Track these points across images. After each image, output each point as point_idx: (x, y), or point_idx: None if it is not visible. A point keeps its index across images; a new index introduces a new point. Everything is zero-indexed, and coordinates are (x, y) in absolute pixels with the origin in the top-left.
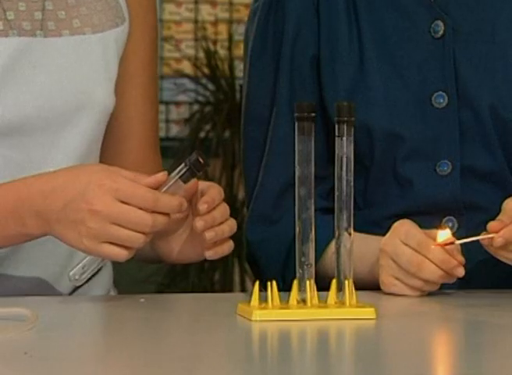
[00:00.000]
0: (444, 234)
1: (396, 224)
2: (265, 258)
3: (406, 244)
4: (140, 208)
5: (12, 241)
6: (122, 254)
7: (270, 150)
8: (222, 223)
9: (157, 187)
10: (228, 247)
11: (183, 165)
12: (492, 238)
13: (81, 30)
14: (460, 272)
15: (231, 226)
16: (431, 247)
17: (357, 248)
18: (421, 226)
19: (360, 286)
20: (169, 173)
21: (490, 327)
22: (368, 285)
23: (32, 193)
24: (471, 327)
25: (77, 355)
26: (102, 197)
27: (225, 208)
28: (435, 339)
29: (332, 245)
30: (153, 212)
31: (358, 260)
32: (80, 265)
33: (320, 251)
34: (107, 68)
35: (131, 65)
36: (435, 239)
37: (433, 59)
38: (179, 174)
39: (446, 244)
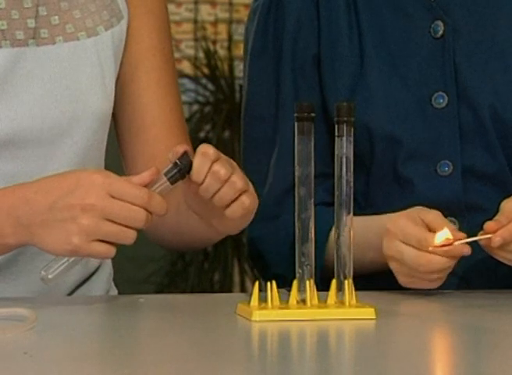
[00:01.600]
0: (443, 234)
1: (388, 226)
2: (271, 252)
3: (407, 244)
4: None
5: None
6: (111, 251)
7: (278, 150)
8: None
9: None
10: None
11: (172, 165)
12: (489, 238)
13: (75, 35)
14: (467, 251)
15: (232, 184)
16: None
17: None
18: None
19: (363, 273)
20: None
21: (489, 328)
22: (371, 272)
23: (14, 200)
24: (471, 328)
25: (77, 355)
26: (95, 191)
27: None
28: (435, 339)
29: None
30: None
31: (360, 245)
32: (54, 265)
33: (325, 236)
34: (102, 73)
35: (136, 53)
36: (429, 229)
37: (433, 59)
38: (168, 175)
39: (444, 246)
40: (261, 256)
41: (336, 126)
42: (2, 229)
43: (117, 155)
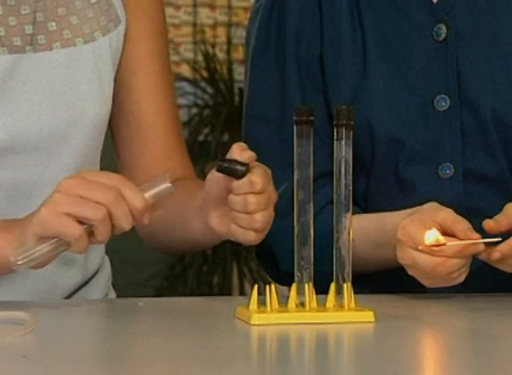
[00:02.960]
0: (432, 235)
1: (398, 235)
2: (281, 248)
3: (419, 250)
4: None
5: None
6: (77, 229)
7: (286, 148)
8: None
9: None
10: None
11: (234, 160)
12: (483, 245)
13: (72, 41)
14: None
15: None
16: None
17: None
18: None
19: (364, 271)
20: None
21: (489, 332)
22: (373, 269)
23: (21, 220)
24: (471, 332)
25: (76, 358)
26: (73, 176)
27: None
28: (434, 343)
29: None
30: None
31: (376, 243)
32: (26, 251)
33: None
34: (100, 79)
35: (134, 58)
36: (442, 229)
37: (436, 62)
38: (225, 163)
39: (436, 246)
40: (271, 253)
41: (335, 130)
42: (0, 241)
43: (115, 157)
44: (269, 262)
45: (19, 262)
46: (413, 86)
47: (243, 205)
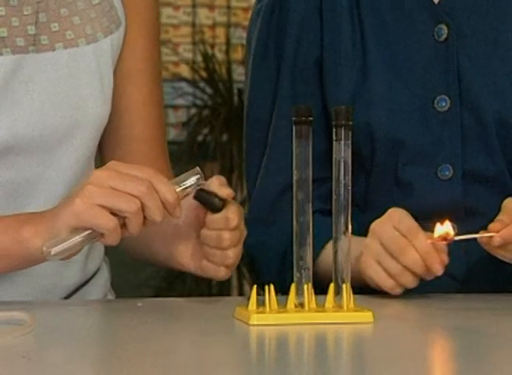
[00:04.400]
0: (443, 228)
1: (390, 210)
2: (262, 259)
3: (396, 229)
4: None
5: (15, 265)
6: (111, 221)
7: (270, 152)
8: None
9: None
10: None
11: (211, 193)
12: (490, 237)
13: (74, 42)
14: (439, 269)
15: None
16: (420, 237)
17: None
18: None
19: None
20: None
21: (488, 332)
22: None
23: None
24: (469, 332)
25: (75, 358)
26: (104, 168)
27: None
28: (433, 343)
29: (330, 247)
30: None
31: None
32: (58, 242)
33: (317, 252)
34: (101, 79)
35: (129, 62)
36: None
37: (436, 63)
38: (200, 194)
39: (445, 240)
40: (253, 263)
41: (334, 130)
42: (24, 234)
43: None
44: (253, 272)
45: (52, 253)
46: (413, 86)
47: (218, 240)
